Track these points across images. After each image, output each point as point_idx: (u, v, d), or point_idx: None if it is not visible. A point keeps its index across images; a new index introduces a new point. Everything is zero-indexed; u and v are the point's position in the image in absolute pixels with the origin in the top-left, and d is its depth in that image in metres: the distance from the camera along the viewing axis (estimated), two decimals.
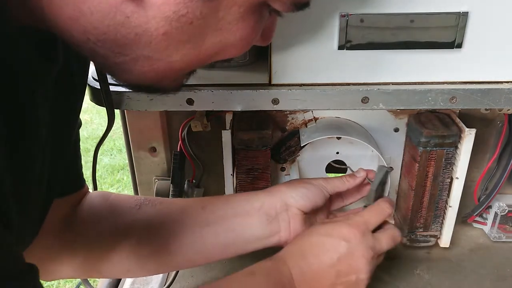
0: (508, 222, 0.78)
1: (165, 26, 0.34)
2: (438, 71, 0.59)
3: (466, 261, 0.75)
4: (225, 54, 0.40)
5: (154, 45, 0.36)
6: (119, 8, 0.33)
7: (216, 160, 0.73)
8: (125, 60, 0.37)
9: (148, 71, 0.39)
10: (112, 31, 0.34)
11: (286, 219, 0.61)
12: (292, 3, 0.38)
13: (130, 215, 0.61)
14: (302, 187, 0.62)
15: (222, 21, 0.36)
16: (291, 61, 0.58)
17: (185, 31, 0.35)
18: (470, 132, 0.65)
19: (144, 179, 0.80)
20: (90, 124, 2.94)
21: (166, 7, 0.33)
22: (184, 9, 0.34)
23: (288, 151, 0.74)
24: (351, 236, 0.55)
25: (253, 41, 0.41)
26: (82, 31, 0.35)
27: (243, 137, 0.67)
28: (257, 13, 0.38)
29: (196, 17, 0.34)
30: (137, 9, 0.33)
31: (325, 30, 0.56)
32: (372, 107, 0.59)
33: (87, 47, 0.36)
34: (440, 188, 0.71)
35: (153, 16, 0.34)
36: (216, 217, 0.61)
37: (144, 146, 0.77)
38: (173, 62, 0.38)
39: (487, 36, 0.56)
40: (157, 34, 0.35)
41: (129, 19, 0.34)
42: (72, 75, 0.46)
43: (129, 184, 2.26)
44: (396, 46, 0.56)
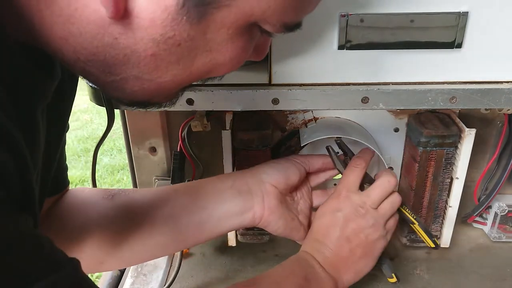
0: (508, 222, 0.78)
1: (153, 48, 0.35)
2: (438, 71, 0.59)
3: (466, 261, 0.75)
4: (216, 72, 0.40)
5: (143, 66, 0.36)
6: (107, 30, 0.34)
7: (216, 160, 0.73)
8: (116, 80, 0.37)
9: (139, 90, 0.39)
10: (101, 51, 0.35)
11: (260, 194, 0.61)
12: (282, 26, 0.38)
13: (103, 205, 0.61)
14: (276, 163, 0.63)
15: (211, 42, 0.36)
16: (291, 61, 0.58)
17: (173, 53, 0.36)
18: (470, 132, 0.65)
19: (144, 179, 0.80)
20: (90, 124, 2.94)
21: (153, 30, 0.34)
22: (171, 31, 0.34)
23: (288, 151, 0.74)
24: (340, 205, 0.60)
25: (244, 61, 0.41)
26: (72, 51, 0.35)
27: (243, 137, 0.67)
28: (247, 34, 0.38)
29: (183, 39, 0.35)
30: (125, 31, 0.34)
31: (325, 30, 0.56)
32: (372, 107, 0.59)
33: (78, 66, 0.36)
34: (440, 188, 0.71)
35: (141, 38, 0.34)
36: (188, 198, 0.61)
37: (144, 146, 0.77)
38: (163, 82, 0.38)
39: (487, 36, 0.56)
40: (146, 55, 0.35)
41: (117, 41, 0.34)
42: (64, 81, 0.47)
43: (129, 184, 2.25)
44: (396, 46, 0.56)
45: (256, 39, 0.41)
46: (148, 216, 0.59)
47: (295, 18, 0.39)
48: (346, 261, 0.58)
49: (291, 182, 0.63)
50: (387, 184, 0.60)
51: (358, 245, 0.59)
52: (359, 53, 0.57)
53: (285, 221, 0.62)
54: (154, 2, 0.33)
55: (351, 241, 0.58)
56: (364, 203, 0.60)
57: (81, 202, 0.61)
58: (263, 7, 0.35)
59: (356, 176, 0.61)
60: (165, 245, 0.61)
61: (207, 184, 0.63)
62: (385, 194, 0.60)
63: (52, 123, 0.45)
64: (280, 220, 0.62)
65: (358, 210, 0.59)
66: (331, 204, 0.61)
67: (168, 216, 0.60)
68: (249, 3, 0.34)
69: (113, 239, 0.59)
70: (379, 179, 0.61)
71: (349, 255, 0.58)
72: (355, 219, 0.59)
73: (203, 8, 0.33)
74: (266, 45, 0.45)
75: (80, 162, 2.49)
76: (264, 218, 0.61)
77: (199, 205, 0.60)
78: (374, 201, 0.60)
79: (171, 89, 0.41)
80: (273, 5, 0.35)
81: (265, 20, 0.37)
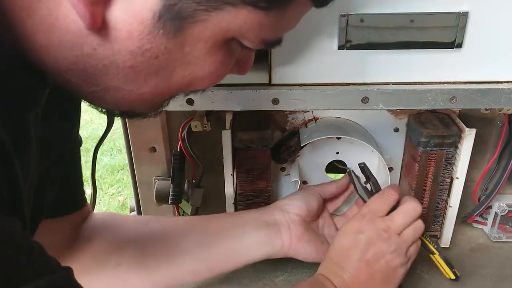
0: (508, 222, 0.78)
1: (131, 60, 0.35)
2: (438, 71, 0.58)
3: (466, 261, 0.75)
4: (196, 86, 0.40)
5: (122, 76, 0.36)
6: (86, 40, 0.34)
7: (216, 160, 0.73)
8: (97, 90, 0.38)
9: (120, 100, 0.39)
10: (81, 61, 0.35)
11: (285, 224, 0.63)
12: (261, 42, 0.38)
13: (137, 230, 0.63)
14: (295, 194, 0.67)
15: (189, 56, 0.36)
16: (291, 61, 0.58)
17: (151, 65, 0.36)
18: (470, 132, 0.65)
19: (144, 179, 0.80)
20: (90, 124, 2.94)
21: (130, 42, 0.34)
22: (148, 44, 0.34)
23: (288, 151, 0.74)
24: (363, 227, 0.59)
25: (225, 74, 0.41)
26: (54, 60, 0.36)
27: (243, 137, 0.67)
28: (225, 48, 0.38)
29: (161, 52, 0.35)
30: (103, 42, 0.34)
31: (325, 30, 0.56)
32: (372, 107, 0.59)
33: (60, 76, 0.37)
34: (440, 188, 0.71)
35: (119, 49, 0.34)
36: (219, 227, 0.63)
37: (144, 146, 0.77)
38: (142, 93, 0.39)
39: (487, 36, 0.56)
40: (124, 67, 0.36)
41: (96, 51, 0.35)
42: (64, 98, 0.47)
43: (129, 184, 2.26)
44: (396, 46, 0.56)
45: (237, 54, 0.41)
46: (180, 243, 0.61)
47: (274, 35, 0.39)
48: (365, 285, 0.57)
49: (312, 209, 0.66)
50: (413, 211, 0.60)
51: (378, 270, 0.57)
52: (359, 53, 0.57)
53: (315, 246, 0.64)
54: (131, 15, 0.33)
55: (371, 266, 0.57)
56: (388, 228, 0.58)
57: (115, 226, 0.63)
58: (239, 23, 0.35)
59: (386, 205, 0.60)
60: (197, 272, 0.62)
61: (235, 216, 0.66)
62: (410, 220, 0.59)
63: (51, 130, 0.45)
64: (309, 246, 0.63)
65: (381, 234, 0.58)
66: (353, 225, 0.60)
67: (200, 244, 0.62)
68: (225, 19, 0.35)
69: (147, 264, 0.60)
70: (404, 204, 0.60)
71: (368, 280, 0.57)
72: (377, 243, 0.57)
73: (179, 22, 0.34)
74: (249, 60, 0.45)
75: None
76: (293, 245, 0.63)
77: (228, 234, 0.62)
78: (399, 227, 0.59)
79: (152, 100, 0.41)
80: (249, 22, 0.35)
81: (243, 36, 0.37)
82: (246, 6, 0.34)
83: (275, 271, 0.71)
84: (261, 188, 0.71)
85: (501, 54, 0.57)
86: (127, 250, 0.60)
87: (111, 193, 2.26)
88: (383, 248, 0.57)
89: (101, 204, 2.16)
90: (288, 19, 0.39)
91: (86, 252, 0.60)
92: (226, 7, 0.34)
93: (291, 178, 0.77)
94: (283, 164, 0.77)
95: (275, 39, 0.40)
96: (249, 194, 0.72)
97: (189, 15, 0.34)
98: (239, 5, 0.34)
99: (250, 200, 0.72)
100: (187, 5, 0.33)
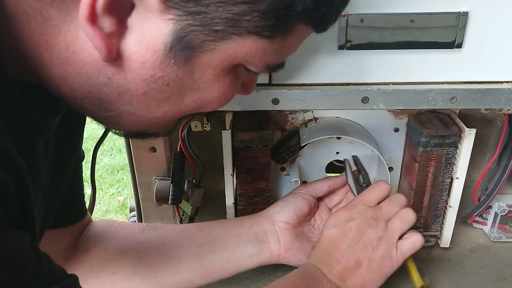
0: (508, 222, 0.78)
1: (143, 87, 0.37)
2: (438, 71, 0.58)
3: (466, 261, 0.75)
4: (205, 108, 0.42)
5: (135, 103, 0.39)
6: (101, 71, 0.36)
7: (216, 160, 0.73)
8: (111, 115, 0.40)
9: (133, 124, 0.42)
10: (96, 90, 0.37)
11: (275, 234, 0.65)
12: (265, 66, 0.41)
13: (134, 239, 0.64)
14: (283, 201, 0.67)
15: (199, 82, 0.39)
16: (291, 61, 0.58)
17: (163, 91, 0.38)
18: (470, 132, 0.65)
19: (144, 179, 0.80)
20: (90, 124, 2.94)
21: (143, 71, 0.36)
22: (160, 72, 0.36)
23: (288, 151, 0.74)
24: (353, 216, 0.60)
25: (233, 95, 0.43)
26: (70, 89, 0.38)
27: (243, 137, 0.67)
28: (232, 73, 0.40)
29: (172, 79, 0.37)
30: (117, 71, 0.36)
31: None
32: (372, 107, 0.59)
33: (76, 103, 0.39)
34: (440, 188, 0.71)
35: (132, 78, 0.37)
36: (213, 236, 0.65)
37: (144, 146, 0.77)
38: (155, 118, 0.41)
39: (487, 36, 0.56)
40: (137, 94, 0.38)
41: (111, 80, 0.37)
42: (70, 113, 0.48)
43: (129, 184, 2.25)
44: (396, 46, 0.56)
45: (243, 77, 0.44)
46: (176, 252, 0.63)
47: (277, 60, 0.41)
48: (353, 272, 0.58)
49: (302, 213, 0.66)
50: (398, 200, 0.62)
51: (365, 257, 0.58)
52: (359, 53, 0.57)
53: (305, 253, 0.65)
54: (144, 46, 0.35)
55: (359, 253, 0.58)
56: (377, 216, 0.60)
57: (112, 234, 0.64)
58: (245, 51, 0.38)
59: (376, 197, 0.62)
60: (191, 280, 0.63)
61: (228, 225, 0.67)
62: (396, 208, 0.61)
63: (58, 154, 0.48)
64: (299, 254, 0.65)
65: (369, 221, 0.60)
66: (343, 214, 0.62)
67: (195, 254, 0.63)
68: (232, 48, 0.37)
69: (142, 272, 0.61)
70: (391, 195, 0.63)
71: (356, 267, 0.58)
72: (365, 230, 0.59)
73: (189, 52, 0.36)
74: (253, 82, 0.48)
75: None
76: (282, 255, 0.64)
77: (221, 245, 0.64)
78: (387, 214, 0.61)
79: (164, 123, 0.43)
80: (254, 50, 0.38)
81: (248, 62, 0.39)
82: (251, 35, 0.36)
83: (275, 271, 0.71)
84: (261, 188, 0.71)
85: (501, 54, 0.57)
86: (123, 258, 0.62)
87: (111, 193, 2.26)
88: (371, 235, 0.59)
89: (101, 204, 2.16)
90: (290, 44, 0.41)
91: (84, 261, 0.61)
92: (233, 37, 0.36)
93: (291, 178, 0.77)
94: (283, 164, 0.77)
95: (277, 63, 0.42)
96: (249, 194, 0.72)
97: (198, 45, 0.36)
98: (245, 35, 0.36)
99: (250, 200, 0.72)
100: (196, 37, 0.35)
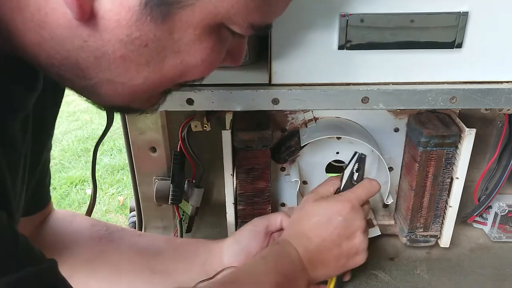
0: (508, 222, 0.78)
1: (121, 49, 0.35)
2: (438, 71, 0.58)
3: (466, 261, 0.75)
4: (189, 75, 0.40)
5: (114, 68, 0.37)
6: (76, 32, 0.34)
7: (216, 160, 0.73)
8: (90, 84, 0.38)
9: (114, 94, 0.40)
10: (73, 55, 0.36)
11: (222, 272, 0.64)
12: (249, 26, 0.38)
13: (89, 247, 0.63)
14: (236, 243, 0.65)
15: (179, 43, 0.37)
16: (291, 61, 0.58)
17: (142, 54, 0.36)
18: (470, 132, 0.65)
19: (144, 179, 0.80)
20: (90, 124, 2.94)
21: (119, 30, 0.34)
22: (136, 32, 0.35)
23: (288, 151, 0.74)
24: (345, 211, 0.61)
25: (217, 62, 0.41)
26: (46, 56, 0.36)
27: (243, 137, 0.67)
28: (215, 34, 0.38)
29: (150, 40, 0.35)
30: (93, 33, 0.34)
31: (325, 30, 0.56)
32: (372, 107, 0.59)
33: (54, 72, 0.37)
34: (440, 188, 0.71)
35: (108, 39, 0.35)
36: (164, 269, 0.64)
37: (144, 146, 0.77)
38: (135, 85, 0.39)
39: (487, 36, 0.56)
40: (115, 57, 0.36)
41: (87, 43, 0.35)
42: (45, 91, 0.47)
43: (129, 184, 2.26)
44: (396, 46, 0.56)
45: (229, 42, 0.41)
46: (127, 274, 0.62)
47: (262, 20, 0.39)
48: (324, 261, 0.60)
49: (250, 252, 0.64)
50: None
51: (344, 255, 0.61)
52: (359, 53, 0.57)
53: None
54: (118, 3, 0.33)
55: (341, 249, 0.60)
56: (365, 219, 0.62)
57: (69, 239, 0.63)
58: (226, 7, 0.36)
59: (369, 195, 0.63)
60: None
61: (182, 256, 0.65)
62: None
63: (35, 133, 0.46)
64: None
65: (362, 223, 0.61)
66: (335, 205, 0.62)
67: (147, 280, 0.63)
68: (212, 3, 0.35)
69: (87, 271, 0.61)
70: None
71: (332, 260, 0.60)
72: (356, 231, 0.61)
73: (166, 7, 0.34)
74: (241, 49, 0.45)
75: (80, 162, 2.49)
76: None
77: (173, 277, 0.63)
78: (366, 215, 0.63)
79: (145, 93, 0.41)
80: (236, 5, 0.36)
81: (231, 20, 0.37)
82: None
83: None
84: (261, 188, 0.71)
85: (501, 54, 0.57)
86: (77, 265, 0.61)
87: (111, 193, 2.26)
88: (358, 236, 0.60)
89: (101, 204, 2.16)
90: (275, 2, 0.39)
91: None
92: None
93: (291, 178, 0.77)
94: (283, 164, 0.77)
95: (263, 24, 0.40)
96: (249, 194, 0.72)
97: (175, 0, 0.34)
98: None
99: (250, 200, 0.72)
100: None
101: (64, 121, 2.95)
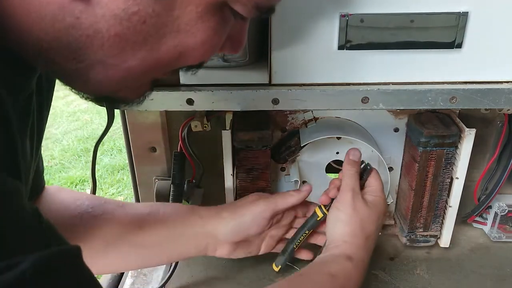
0: (508, 222, 0.78)
1: (115, 26, 0.33)
2: (438, 71, 0.59)
3: (466, 261, 0.75)
4: (186, 59, 0.38)
5: (107, 47, 0.34)
6: (68, 9, 0.32)
7: (216, 160, 0.73)
8: (80, 67, 0.35)
9: (104, 79, 0.37)
10: (64, 35, 0.33)
11: (213, 248, 0.65)
12: (254, 7, 0.36)
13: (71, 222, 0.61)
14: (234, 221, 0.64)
15: (179, 21, 0.34)
16: (291, 61, 0.58)
17: (138, 31, 0.33)
18: (470, 132, 0.65)
19: (144, 179, 0.80)
20: (90, 124, 2.94)
21: (114, 4, 0.32)
22: (134, 6, 0.32)
23: (288, 151, 0.74)
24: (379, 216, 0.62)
25: (217, 47, 0.39)
26: (36, 39, 0.33)
27: (243, 137, 0.67)
28: (218, 14, 0.36)
29: (149, 15, 0.33)
30: (85, 8, 0.32)
31: (325, 30, 0.56)
32: (372, 107, 0.59)
33: (42, 57, 0.35)
34: (440, 188, 0.71)
35: (102, 14, 0.32)
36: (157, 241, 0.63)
37: (144, 146, 0.77)
38: (130, 68, 0.36)
39: (487, 36, 0.56)
40: (109, 35, 0.33)
41: (79, 20, 0.32)
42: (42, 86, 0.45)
43: (129, 184, 2.26)
44: (396, 46, 0.56)
45: (230, 25, 0.38)
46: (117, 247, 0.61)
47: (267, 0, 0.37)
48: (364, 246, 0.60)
49: (248, 235, 0.65)
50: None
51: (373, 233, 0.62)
52: (359, 53, 0.57)
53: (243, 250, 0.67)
54: None
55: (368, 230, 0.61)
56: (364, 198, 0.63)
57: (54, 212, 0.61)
58: None
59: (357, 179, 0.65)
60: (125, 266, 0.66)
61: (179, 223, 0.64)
62: None
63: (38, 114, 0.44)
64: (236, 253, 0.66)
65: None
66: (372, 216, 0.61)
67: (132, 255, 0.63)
68: None
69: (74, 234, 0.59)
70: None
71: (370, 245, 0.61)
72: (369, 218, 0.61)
73: None
74: (242, 35, 0.42)
75: (80, 162, 2.49)
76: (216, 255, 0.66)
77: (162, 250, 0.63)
78: None
79: (137, 78, 0.38)
80: None
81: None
82: None
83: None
84: (261, 188, 0.71)
85: (501, 54, 0.57)
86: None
87: (111, 193, 2.26)
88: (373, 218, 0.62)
89: None
90: None
91: None
92: None
93: (291, 178, 0.77)
94: (283, 164, 0.77)
95: (268, 4, 0.38)
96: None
97: None
98: None
99: None
100: None
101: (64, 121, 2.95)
